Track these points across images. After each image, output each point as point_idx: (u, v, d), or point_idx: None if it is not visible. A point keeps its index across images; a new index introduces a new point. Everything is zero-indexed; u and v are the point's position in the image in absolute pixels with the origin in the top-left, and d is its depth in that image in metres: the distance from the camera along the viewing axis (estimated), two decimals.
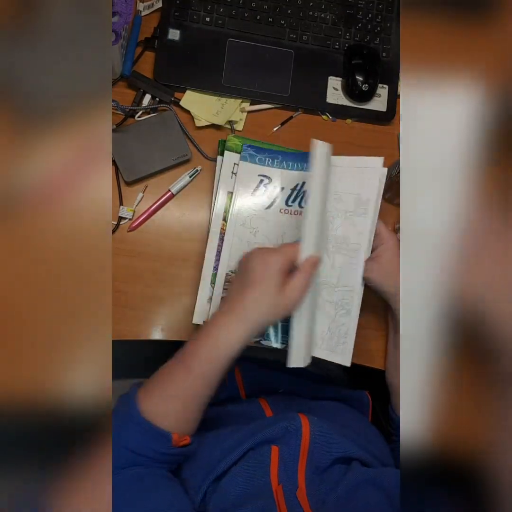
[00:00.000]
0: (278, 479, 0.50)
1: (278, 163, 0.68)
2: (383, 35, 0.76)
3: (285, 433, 0.54)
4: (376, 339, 0.71)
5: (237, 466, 0.52)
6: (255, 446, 0.54)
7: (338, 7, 0.75)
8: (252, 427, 0.56)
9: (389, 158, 0.74)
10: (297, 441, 0.54)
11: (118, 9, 0.65)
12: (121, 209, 0.68)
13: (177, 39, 0.72)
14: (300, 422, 0.55)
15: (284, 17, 0.74)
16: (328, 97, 0.74)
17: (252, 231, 0.67)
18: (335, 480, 0.52)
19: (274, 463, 0.51)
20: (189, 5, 0.72)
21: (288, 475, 0.51)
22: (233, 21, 0.73)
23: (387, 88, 0.75)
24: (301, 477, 0.51)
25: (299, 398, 0.69)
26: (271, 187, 0.67)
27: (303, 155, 0.68)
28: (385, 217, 0.69)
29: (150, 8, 0.73)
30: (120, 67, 0.69)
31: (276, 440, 0.54)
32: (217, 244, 0.67)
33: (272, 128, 0.74)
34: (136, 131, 0.69)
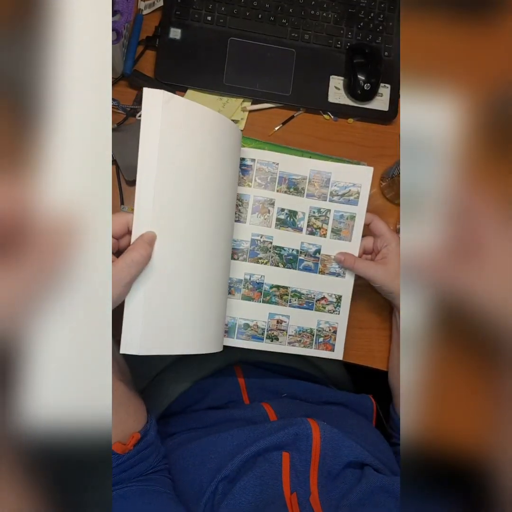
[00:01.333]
0: (290, 486, 0.50)
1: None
2: (385, 34, 0.76)
3: (295, 439, 0.54)
4: (379, 340, 0.71)
5: (249, 473, 0.51)
6: (264, 451, 0.53)
7: (340, 6, 0.75)
8: (259, 430, 0.56)
9: (391, 158, 0.75)
10: (308, 447, 0.53)
11: (120, 8, 0.65)
12: (122, 209, 0.68)
13: (178, 38, 0.72)
14: (310, 427, 0.55)
15: (286, 16, 0.74)
16: (329, 97, 0.74)
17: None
18: (348, 486, 0.51)
19: (285, 470, 0.51)
20: (191, 4, 0.72)
21: (300, 482, 0.51)
22: (234, 20, 0.73)
23: (389, 87, 0.75)
24: (314, 483, 0.51)
25: (303, 403, 0.68)
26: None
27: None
28: (386, 217, 0.69)
29: (152, 7, 0.73)
30: (121, 66, 0.69)
31: (286, 446, 0.54)
32: None
33: (274, 127, 0.74)
34: (137, 130, 0.69)
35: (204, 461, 0.54)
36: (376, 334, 0.71)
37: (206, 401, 0.71)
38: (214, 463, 0.53)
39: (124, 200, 0.69)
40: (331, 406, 0.68)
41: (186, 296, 0.52)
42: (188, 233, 0.52)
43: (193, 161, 0.52)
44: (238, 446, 0.54)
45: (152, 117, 0.50)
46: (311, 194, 0.66)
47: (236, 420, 0.62)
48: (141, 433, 0.52)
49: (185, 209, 0.51)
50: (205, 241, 0.54)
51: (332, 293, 0.66)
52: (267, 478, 0.50)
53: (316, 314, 0.66)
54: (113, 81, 0.70)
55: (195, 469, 0.54)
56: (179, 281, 0.51)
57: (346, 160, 0.73)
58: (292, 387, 0.72)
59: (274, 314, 0.65)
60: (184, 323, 0.52)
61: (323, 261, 0.66)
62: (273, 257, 0.65)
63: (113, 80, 0.70)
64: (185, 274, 0.52)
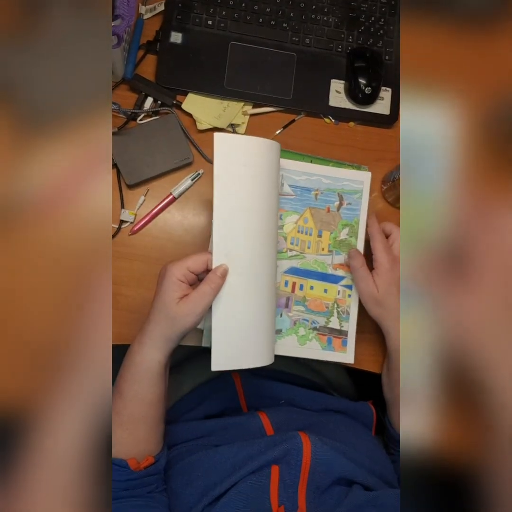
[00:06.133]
0: (278, 499, 0.50)
1: None
2: (386, 38, 0.76)
3: (286, 453, 0.54)
4: (380, 345, 0.71)
5: (234, 488, 0.51)
6: (255, 470, 0.53)
7: (341, 10, 0.75)
8: (251, 451, 0.55)
9: (392, 161, 0.74)
10: (298, 462, 0.53)
11: (120, 12, 0.65)
12: (123, 212, 0.68)
13: (179, 42, 0.72)
14: (301, 441, 0.54)
15: (287, 20, 0.74)
16: (330, 100, 0.74)
17: None
18: (336, 501, 0.51)
19: (274, 482, 0.51)
20: (191, 8, 0.72)
21: (288, 495, 0.51)
22: (235, 24, 0.73)
23: (390, 91, 0.75)
24: (302, 497, 0.51)
25: (301, 411, 0.68)
26: None
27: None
28: (387, 221, 0.68)
29: (152, 11, 0.73)
30: (122, 70, 0.69)
31: (277, 460, 0.53)
32: None
33: (275, 131, 0.74)
34: (138, 134, 0.69)
35: (192, 480, 0.54)
36: (378, 339, 0.71)
37: (203, 408, 0.71)
38: (200, 485, 0.53)
39: (125, 204, 0.69)
40: (330, 415, 0.68)
41: (251, 317, 0.56)
42: (253, 263, 0.56)
43: (258, 194, 0.56)
44: (232, 466, 0.54)
45: (224, 160, 0.53)
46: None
47: (232, 431, 0.62)
48: (155, 458, 0.54)
49: (251, 240, 0.55)
50: (266, 266, 0.57)
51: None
52: (254, 491, 0.50)
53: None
54: (114, 85, 0.71)
55: (183, 489, 0.54)
56: (246, 305, 0.56)
57: (347, 164, 0.73)
58: (290, 393, 0.71)
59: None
60: (251, 341, 0.57)
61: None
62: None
63: (114, 84, 0.71)
64: (251, 298, 0.56)
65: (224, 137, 0.53)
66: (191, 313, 0.51)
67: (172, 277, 0.52)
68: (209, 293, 0.51)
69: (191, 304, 0.51)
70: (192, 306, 0.51)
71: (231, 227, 0.54)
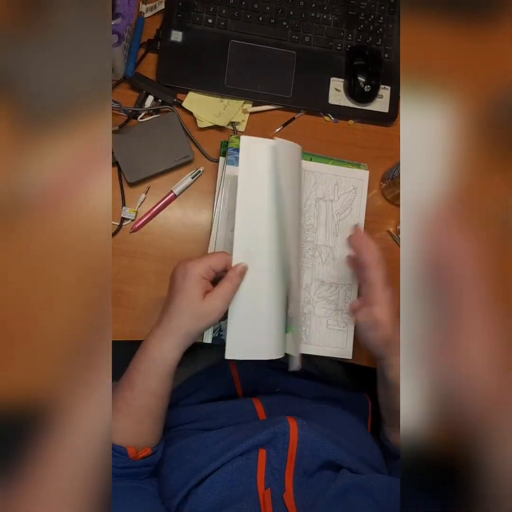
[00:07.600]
0: (265, 482, 0.50)
1: None
2: (385, 36, 0.76)
3: (273, 437, 0.54)
4: None
5: (220, 469, 0.52)
6: (243, 453, 0.54)
7: (340, 8, 0.75)
8: (239, 435, 0.56)
9: (391, 159, 0.75)
10: (284, 445, 0.53)
11: (121, 11, 0.65)
12: (124, 210, 0.69)
13: (179, 40, 0.72)
14: (288, 425, 0.55)
15: (286, 19, 0.74)
16: (330, 98, 0.74)
17: None
18: (324, 485, 0.52)
19: (261, 466, 0.51)
20: (192, 6, 0.72)
21: (275, 479, 0.51)
22: (235, 23, 0.73)
23: (389, 89, 0.75)
24: (289, 480, 0.51)
25: (295, 399, 0.68)
26: None
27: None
28: (386, 218, 0.69)
29: (153, 10, 0.73)
30: (123, 68, 0.70)
31: (264, 444, 0.54)
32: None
33: (274, 129, 0.74)
34: (139, 132, 0.70)
35: (180, 464, 0.56)
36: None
37: (199, 394, 0.72)
38: (189, 468, 0.54)
39: (126, 202, 0.69)
40: (324, 403, 0.68)
41: (265, 311, 0.59)
42: (271, 262, 0.58)
43: (283, 195, 0.57)
44: (215, 455, 0.54)
45: (249, 161, 0.57)
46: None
47: (225, 416, 0.63)
48: (153, 450, 0.55)
49: (271, 240, 0.58)
50: (285, 266, 0.59)
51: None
52: (241, 473, 0.51)
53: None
54: (115, 84, 0.71)
55: (172, 473, 0.56)
56: (262, 301, 0.59)
57: (346, 162, 0.73)
58: (286, 382, 0.72)
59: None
60: (264, 334, 0.59)
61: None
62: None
63: (115, 82, 0.71)
64: (265, 294, 0.58)
65: (250, 140, 0.58)
66: (216, 309, 0.53)
67: (196, 275, 0.53)
68: (231, 290, 0.54)
69: (215, 300, 0.53)
70: (216, 302, 0.53)
71: (252, 228, 0.57)
